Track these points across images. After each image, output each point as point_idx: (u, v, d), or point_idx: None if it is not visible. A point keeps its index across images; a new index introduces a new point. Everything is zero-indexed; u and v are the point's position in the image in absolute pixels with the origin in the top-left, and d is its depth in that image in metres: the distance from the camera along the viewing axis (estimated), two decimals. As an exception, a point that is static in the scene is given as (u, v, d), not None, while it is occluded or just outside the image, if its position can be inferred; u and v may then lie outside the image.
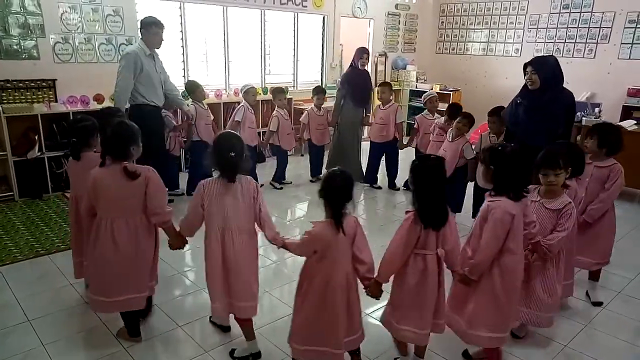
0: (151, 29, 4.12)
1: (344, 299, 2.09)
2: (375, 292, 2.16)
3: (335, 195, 2.03)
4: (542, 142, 3.11)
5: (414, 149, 5.10)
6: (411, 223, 2.06)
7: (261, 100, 6.34)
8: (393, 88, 8.22)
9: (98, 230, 2.33)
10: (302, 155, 6.44)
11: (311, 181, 5.51)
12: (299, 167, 6.05)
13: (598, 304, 3.04)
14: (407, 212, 2.12)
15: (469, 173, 4.17)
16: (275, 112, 5.22)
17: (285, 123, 5.23)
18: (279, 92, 5.23)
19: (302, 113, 5.57)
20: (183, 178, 5.02)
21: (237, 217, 2.26)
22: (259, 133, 5.58)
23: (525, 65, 3.33)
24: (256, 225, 2.35)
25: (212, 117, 5.02)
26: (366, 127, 5.55)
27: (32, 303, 2.86)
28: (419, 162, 2.14)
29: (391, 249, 2.12)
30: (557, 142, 2.91)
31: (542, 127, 3.29)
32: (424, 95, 5.16)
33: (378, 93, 5.22)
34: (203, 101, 4.88)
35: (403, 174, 5.02)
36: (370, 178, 5.42)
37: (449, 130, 4.34)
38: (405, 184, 5.16)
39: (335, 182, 2.03)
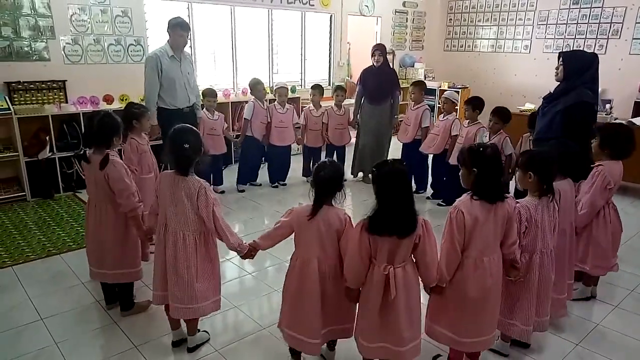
0: (176, 30, 4.10)
1: (318, 288, 2.08)
2: (348, 297, 2.12)
3: (319, 183, 2.08)
4: (536, 141, 3.03)
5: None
6: (359, 230, 1.97)
7: (269, 100, 6.36)
8: (401, 86, 8.26)
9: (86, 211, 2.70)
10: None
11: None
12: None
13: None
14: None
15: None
16: (306, 107, 5.31)
17: (312, 119, 5.25)
18: (314, 88, 5.26)
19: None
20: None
21: (177, 218, 2.23)
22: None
23: (559, 56, 3.16)
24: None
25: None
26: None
27: (45, 302, 2.89)
28: (378, 169, 1.99)
29: (347, 256, 2.04)
30: (548, 143, 2.75)
31: (540, 124, 3.14)
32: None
33: (409, 92, 5.07)
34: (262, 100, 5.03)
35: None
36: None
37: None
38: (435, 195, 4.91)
39: (322, 172, 2.08)
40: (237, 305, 2.87)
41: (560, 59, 3.12)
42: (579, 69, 3.04)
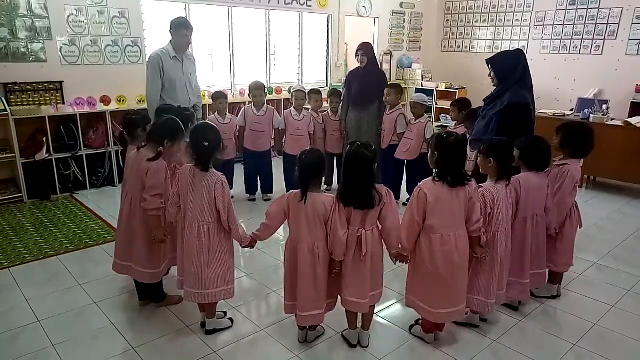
0: (180, 30, 4.05)
1: (309, 269, 2.30)
2: (331, 268, 2.35)
3: (303, 167, 2.26)
4: (472, 141, 3.10)
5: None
6: (338, 205, 2.26)
7: (267, 101, 6.35)
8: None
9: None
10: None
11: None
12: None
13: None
14: None
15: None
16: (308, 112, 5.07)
17: (318, 126, 4.99)
18: (315, 92, 4.99)
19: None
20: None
21: (196, 209, 2.38)
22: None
23: (487, 63, 3.19)
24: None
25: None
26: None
27: (42, 303, 2.88)
28: (350, 151, 2.28)
29: (332, 228, 2.25)
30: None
31: (478, 126, 3.23)
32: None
33: (385, 95, 4.66)
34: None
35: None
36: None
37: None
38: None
39: (304, 157, 2.28)
40: (236, 307, 2.87)
41: (489, 66, 3.20)
42: (507, 70, 3.13)
